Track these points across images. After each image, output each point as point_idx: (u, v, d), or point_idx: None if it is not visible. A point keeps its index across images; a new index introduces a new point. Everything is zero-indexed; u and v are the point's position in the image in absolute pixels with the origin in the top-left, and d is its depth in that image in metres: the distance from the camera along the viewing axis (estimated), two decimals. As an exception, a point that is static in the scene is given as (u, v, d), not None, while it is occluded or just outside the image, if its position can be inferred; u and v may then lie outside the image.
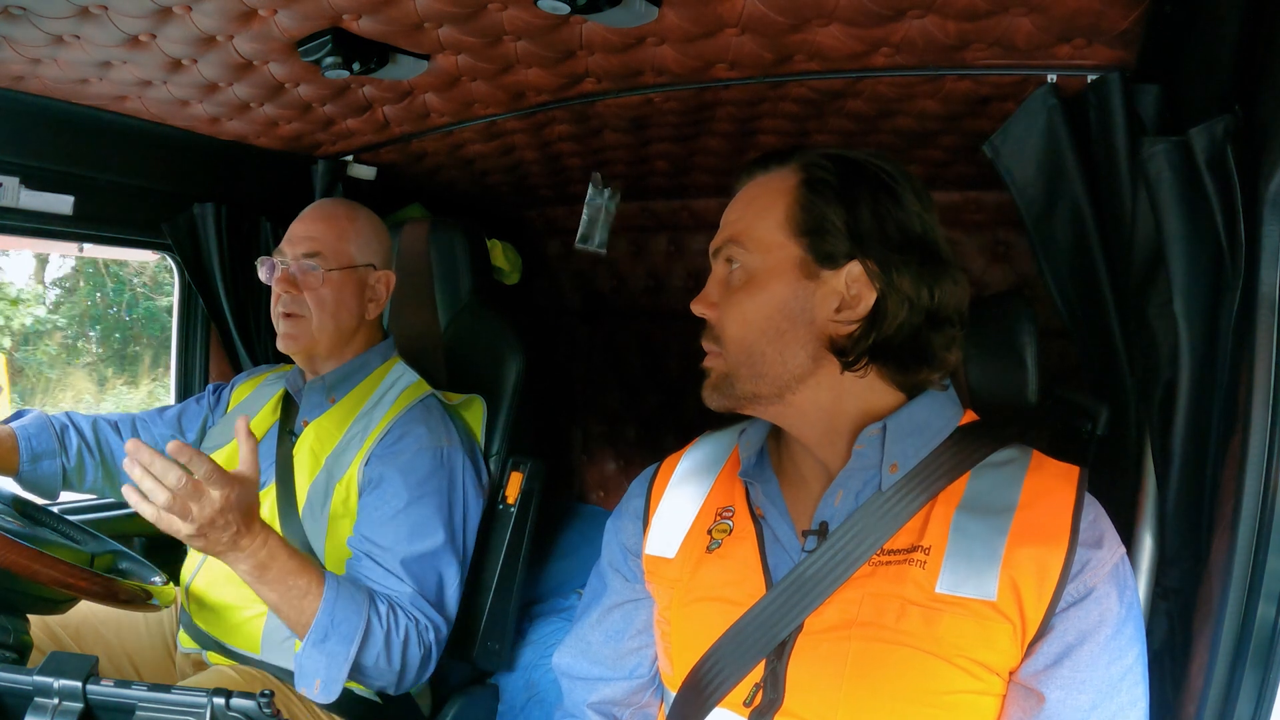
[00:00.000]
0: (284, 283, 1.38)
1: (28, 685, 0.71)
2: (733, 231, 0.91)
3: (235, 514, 1.05)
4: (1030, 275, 1.82)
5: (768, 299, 0.88)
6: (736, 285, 0.90)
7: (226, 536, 1.06)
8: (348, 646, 1.15)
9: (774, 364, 0.88)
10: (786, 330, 0.87)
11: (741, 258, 0.90)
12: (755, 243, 0.89)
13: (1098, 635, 0.78)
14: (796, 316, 0.87)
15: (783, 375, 0.88)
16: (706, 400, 0.92)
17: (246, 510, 1.07)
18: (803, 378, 0.88)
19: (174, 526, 1.01)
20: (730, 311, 0.89)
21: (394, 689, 1.25)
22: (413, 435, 1.34)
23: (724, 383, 0.90)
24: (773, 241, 0.89)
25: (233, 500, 1.04)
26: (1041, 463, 0.87)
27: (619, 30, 1.10)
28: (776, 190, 0.90)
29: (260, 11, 1.08)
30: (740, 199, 0.94)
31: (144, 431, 1.54)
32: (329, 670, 1.15)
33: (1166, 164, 0.89)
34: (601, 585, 1.07)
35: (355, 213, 1.46)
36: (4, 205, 1.40)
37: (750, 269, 0.89)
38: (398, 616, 1.22)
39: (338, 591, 1.17)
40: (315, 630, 1.14)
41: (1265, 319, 0.79)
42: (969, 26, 1.03)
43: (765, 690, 0.84)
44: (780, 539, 0.90)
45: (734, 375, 0.89)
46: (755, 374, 0.88)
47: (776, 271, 0.88)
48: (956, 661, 0.78)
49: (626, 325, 2.32)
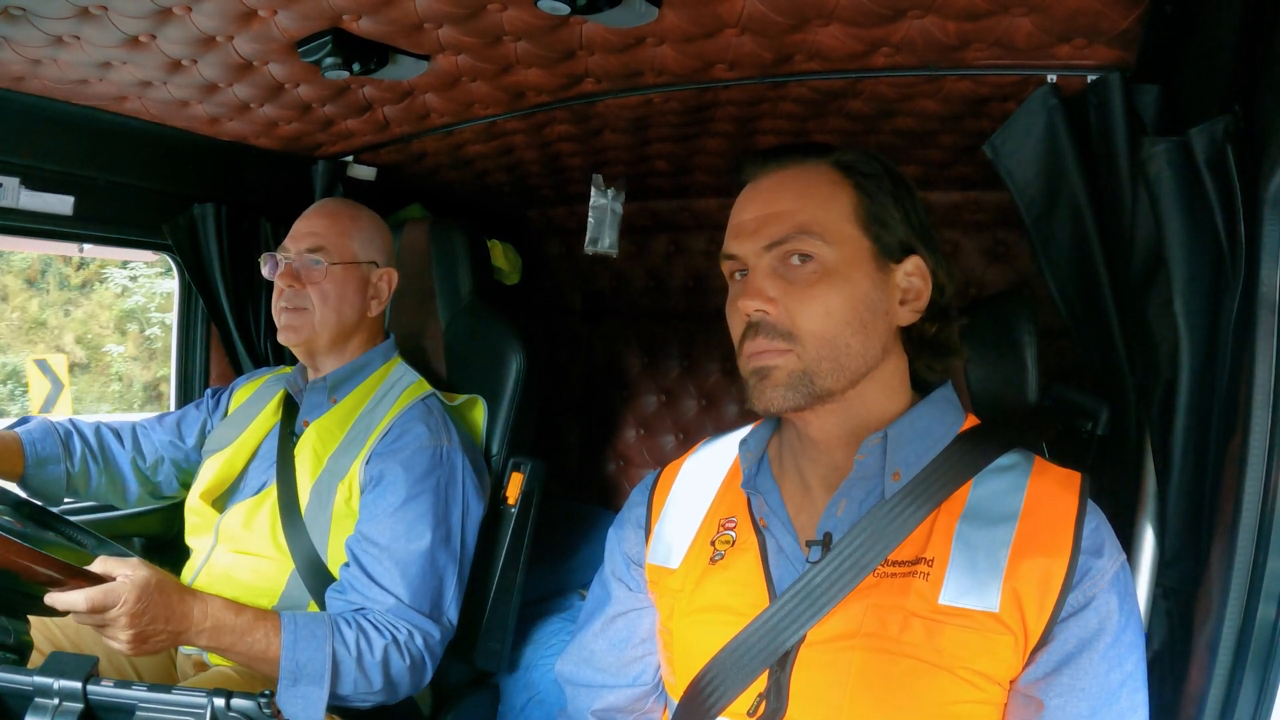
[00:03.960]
0: (287, 277, 1.39)
1: (28, 685, 0.71)
2: (799, 222, 0.87)
3: (151, 605, 1.03)
4: (1030, 275, 1.82)
5: (852, 291, 0.87)
6: (811, 277, 0.87)
7: (164, 629, 1.06)
8: (319, 685, 1.14)
9: (857, 356, 0.87)
10: (869, 322, 0.87)
11: (817, 249, 0.86)
12: (832, 233, 0.87)
13: (1097, 643, 0.78)
14: (877, 308, 0.88)
15: (861, 369, 0.88)
16: (771, 401, 0.87)
17: (160, 607, 1.05)
18: (872, 370, 0.89)
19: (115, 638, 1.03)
20: (810, 305, 0.86)
21: (391, 701, 1.24)
22: (412, 434, 1.34)
23: (800, 381, 0.86)
24: (847, 233, 0.88)
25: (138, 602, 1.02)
26: (1044, 469, 0.87)
27: (619, 30, 1.10)
28: (828, 182, 0.89)
29: (260, 12, 1.08)
30: (785, 191, 0.90)
31: (144, 439, 1.55)
32: (308, 711, 1.14)
33: (1166, 164, 0.89)
34: (605, 594, 1.06)
35: (358, 211, 1.47)
36: (4, 205, 1.40)
37: (827, 260, 0.87)
38: (369, 636, 1.20)
39: (295, 634, 1.15)
40: (284, 676, 1.14)
41: (1265, 319, 0.79)
42: (969, 26, 1.03)
43: (769, 701, 0.84)
44: (784, 549, 0.90)
45: (814, 371, 0.86)
46: (838, 368, 0.86)
47: (856, 263, 0.87)
48: (959, 673, 0.78)
49: (626, 325, 2.32)
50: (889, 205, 0.89)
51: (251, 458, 1.45)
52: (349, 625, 1.19)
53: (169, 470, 1.55)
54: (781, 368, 0.86)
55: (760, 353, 0.87)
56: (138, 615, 1.02)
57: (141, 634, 1.04)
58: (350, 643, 1.18)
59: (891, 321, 0.90)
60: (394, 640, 1.21)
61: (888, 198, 0.89)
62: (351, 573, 1.26)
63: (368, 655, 1.18)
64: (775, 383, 0.87)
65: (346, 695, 1.18)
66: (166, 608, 1.06)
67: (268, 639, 1.14)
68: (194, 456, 1.55)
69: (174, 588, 1.08)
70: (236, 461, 1.45)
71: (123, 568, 1.04)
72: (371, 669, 1.19)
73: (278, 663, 1.14)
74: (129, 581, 1.02)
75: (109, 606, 1.00)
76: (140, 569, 1.04)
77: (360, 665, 1.18)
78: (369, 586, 1.24)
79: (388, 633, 1.21)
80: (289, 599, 1.31)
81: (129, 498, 1.53)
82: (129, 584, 1.02)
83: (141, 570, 1.04)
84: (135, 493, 1.53)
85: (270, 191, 1.73)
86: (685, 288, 2.26)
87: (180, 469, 1.56)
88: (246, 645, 1.13)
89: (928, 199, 1.88)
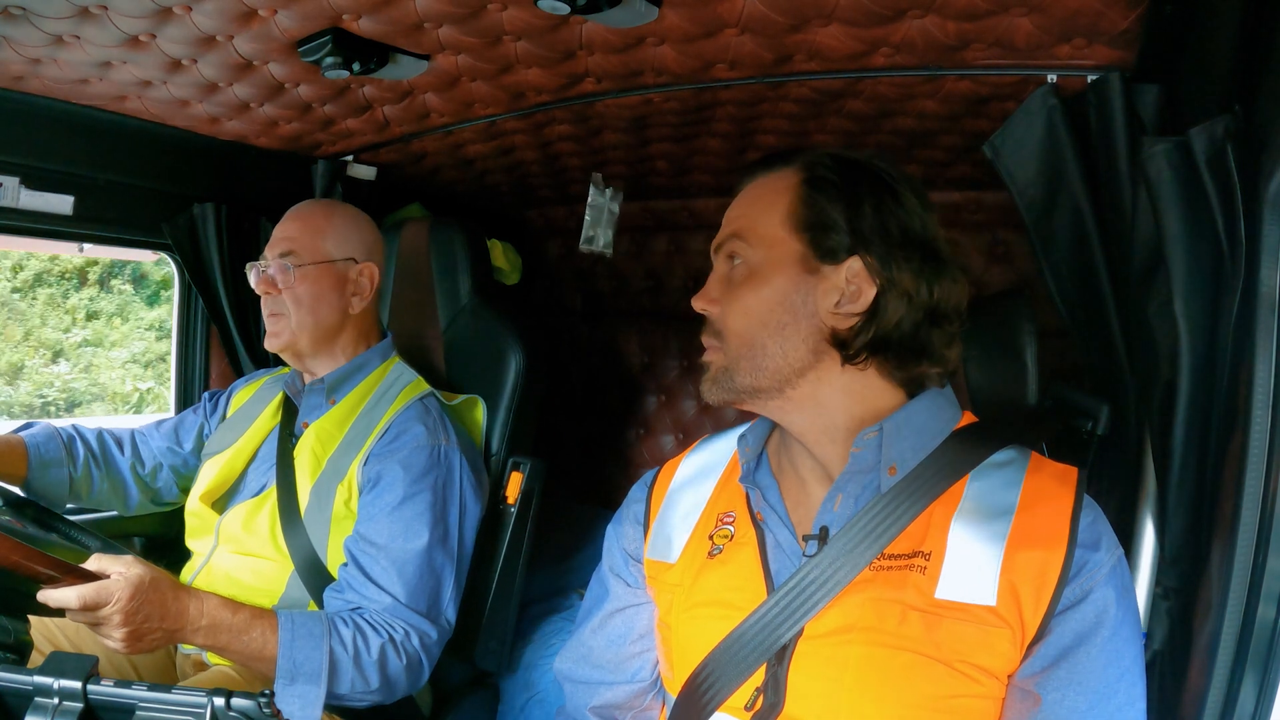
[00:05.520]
0: (264, 284, 1.39)
1: (28, 685, 0.71)
2: (735, 227, 0.93)
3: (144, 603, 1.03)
4: (1030, 275, 1.82)
5: (770, 292, 0.89)
6: (739, 280, 0.91)
7: (158, 627, 1.05)
8: (316, 684, 1.14)
9: (774, 356, 0.89)
10: (788, 323, 0.88)
11: (744, 252, 0.91)
12: (757, 238, 0.91)
13: (1095, 637, 0.78)
14: (798, 309, 0.88)
15: (783, 368, 0.89)
16: (705, 394, 0.93)
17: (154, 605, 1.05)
18: (803, 371, 0.89)
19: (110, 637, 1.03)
20: (732, 305, 0.91)
21: (388, 701, 1.24)
22: (410, 434, 1.34)
23: (723, 376, 0.91)
24: (775, 237, 0.90)
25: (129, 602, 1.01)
26: (1040, 464, 0.87)
27: (619, 30, 1.10)
28: (779, 188, 0.92)
29: (260, 11, 1.08)
30: (743, 197, 0.95)
31: (143, 446, 1.55)
32: (304, 710, 1.13)
33: (1166, 164, 0.89)
34: (602, 590, 1.06)
35: (331, 210, 1.46)
36: (4, 205, 1.40)
37: (752, 263, 0.91)
38: (367, 636, 1.19)
39: (293, 632, 1.15)
40: (281, 675, 1.13)
41: (1265, 319, 0.79)
42: (969, 26, 1.03)
43: (766, 695, 0.84)
44: (781, 544, 0.90)
45: (734, 368, 0.90)
46: (755, 367, 0.89)
47: (778, 265, 0.89)
48: (957, 666, 0.78)
49: (626, 325, 2.32)
50: (837, 208, 0.88)
51: (251, 459, 1.45)
52: (346, 624, 1.19)
53: (168, 476, 1.56)
54: (713, 364, 0.93)
55: (705, 348, 0.94)
56: (132, 613, 1.02)
57: (136, 632, 1.03)
58: (347, 641, 1.18)
59: (817, 322, 0.88)
60: (391, 639, 1.21)
61: (836, 201, 0.88)
62: (349, 572, 1.26)
63: (365, 654, 1.18)
64: (708, 378, 0.93)
65: (344, 694, 1.18)
66: (161, 605, 1.06)
67: (264, 637, 1.14)
68: (192, 461, 1.55)
69: (169, 585, 1.08)
70: (236, 463, 1.45)
71: (117, 565, 1.04)
72: (369, 668, 1.19)
73: (274, 661, 1.13)
74: (123, 579, 1.02)
75: (102, 604, 1.00)
76: (135, 566, 1.04)
77: (357, 664, 1.18)
78: (366, 586, 1.24)
79: (385, 632, 1.21)
80: (289, 600, 1.31)
81: (130, 504, 1.54)
82: (123, 581, 1.01)
83: (136, 568, 1.04)
84: (136, 499, 1.54)
85: (270, 191, 1.73)
86: (685, 288, 2.26)
87: (179, 475, 1.56)
88: (243, 644, 1.13)
89: (927, 199, 1.88)
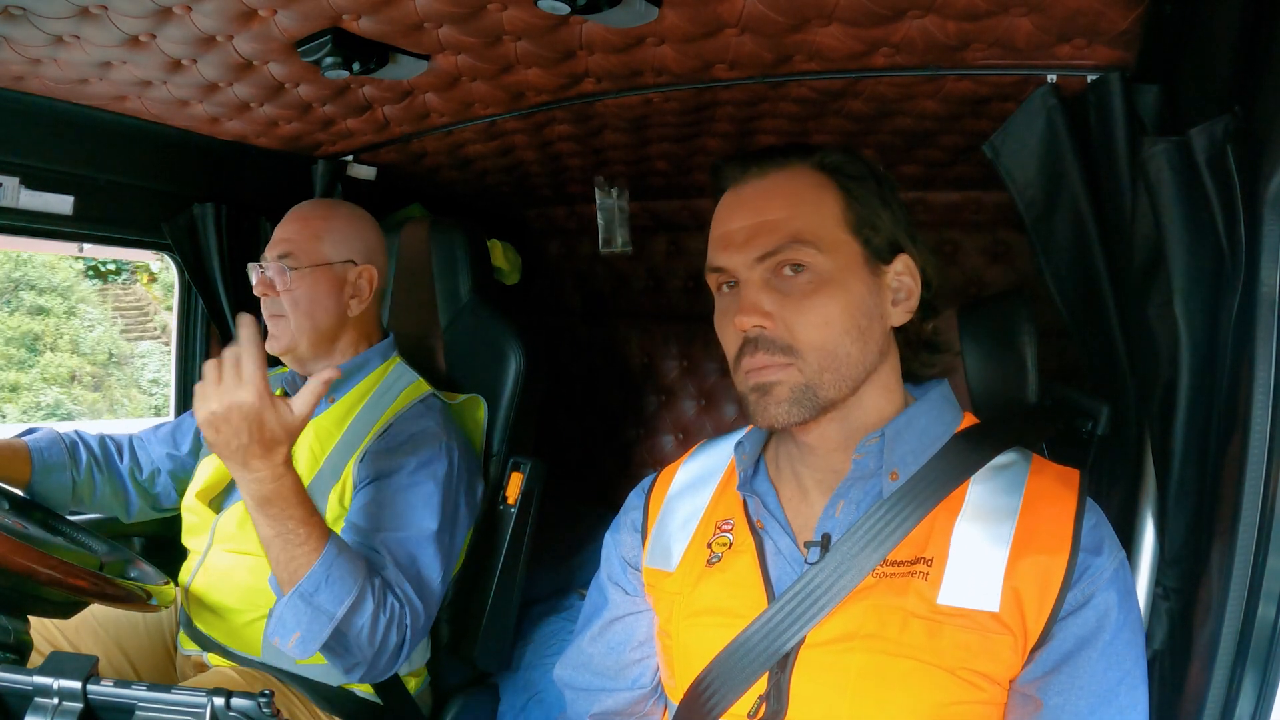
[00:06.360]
0: (261, 286, 1.39)
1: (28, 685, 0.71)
2: (793, 230, 0.85)
3: (253, 426, 1.04)
4: (1030, 275, 1.82)
5: (850, 299, 0.85)
6: (808, 289, 0.85)
7: (235, 444, 1.05)
8: (337, 607, 1.11)
9: (857, 364, 0.86)
10: (866, 328, 0.86)
11: (811, 258, 0.84)
12: (824, 241, 0.85)
13: (1096, 641, 0.78)
14: (872, 312, 0.87)
15: (861, 375, 0.87)
16: (775, 418, 0.85)
17: (269, 438, 1.06)
18: (870, 374, 0.88)
19: (201, 395, 1.06)
20: (808, 316, 0.84)
21: (365, 673, 1.21)
22: (409, 432, 1.34)
23: (805, 395, 0.84)
24: (839, 239, 0.86)
25: (253, 411, 1.03)
26: (1042, 467, 0.87)
27: (619, 30, 1.10)
28: (814, 186, 0.88)
29: (260, 11, 1.08)
30: (774, 196, 0.88)
31: (141, 451, 1.55)
32: (311, 626, 1.11)
33: (1166, 164, 0.88)
34: (601, 598, 1.05)
35: (331, 211, 1.45)
36: (4, 205, 1.40)
37: (822, 269, 0.85)
38: (387, 596, 1.19)
39: (338, 553, 1.13)
40: (308, 581, 1.11)
41: (1265, 319, 0.79)
42: (969, 26, 1.03)
43: (769, 703, 0.83)
44: (782, 551, 0.89)
45: (817, 384, 0.84)
46: (840, 378, 0.85)
47: (851, 269, 0.86)
48: (959, 673, 0.78)
49: (626, 325, 2.32)
50: (877, 206, 0.88)
51: (249, 458, 1.45)
52: (379, 577, 1.18)
53: (166, 482, 1.56)
54: (784, 383, 0.84)
55: (760, 368, 0.85)
56: (235, 410, 1.04)
57: (215, 424, 1.05)
58: (377, 589, 1.17)
59: (886, 324, 0.89)
60: (400, 609, 1.21)
61: (874, 198, 0.88)
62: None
63: (382, 611, 1.17)
64: (778, 398, 0.84)
65: (346, 637, 1.15)
66: (265, 443, 1.06)
67: (309, 538, 1.11)
68: (190, 464, 1.55)
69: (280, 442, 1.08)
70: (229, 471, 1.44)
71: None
72: (380, 624, 1.17)
73: (298, 564, 1.11)
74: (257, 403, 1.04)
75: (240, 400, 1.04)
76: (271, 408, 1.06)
77: (375, 615, 1.16)
78: (370, 553, 1.24)
79: (398, 600, 1.21)
80: (287, 600, 1.31)
81: (130, 510, 1.54)
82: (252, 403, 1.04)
83: (271, 408, 1.06)
84: (135, 505, 1.54)
85: (270, 191, 1.73)
86: (685, 288, 2.27)
87: (177, 479, 1.56)
88: (286, 528, 1.11)
89: (927, 199, 1.88)
